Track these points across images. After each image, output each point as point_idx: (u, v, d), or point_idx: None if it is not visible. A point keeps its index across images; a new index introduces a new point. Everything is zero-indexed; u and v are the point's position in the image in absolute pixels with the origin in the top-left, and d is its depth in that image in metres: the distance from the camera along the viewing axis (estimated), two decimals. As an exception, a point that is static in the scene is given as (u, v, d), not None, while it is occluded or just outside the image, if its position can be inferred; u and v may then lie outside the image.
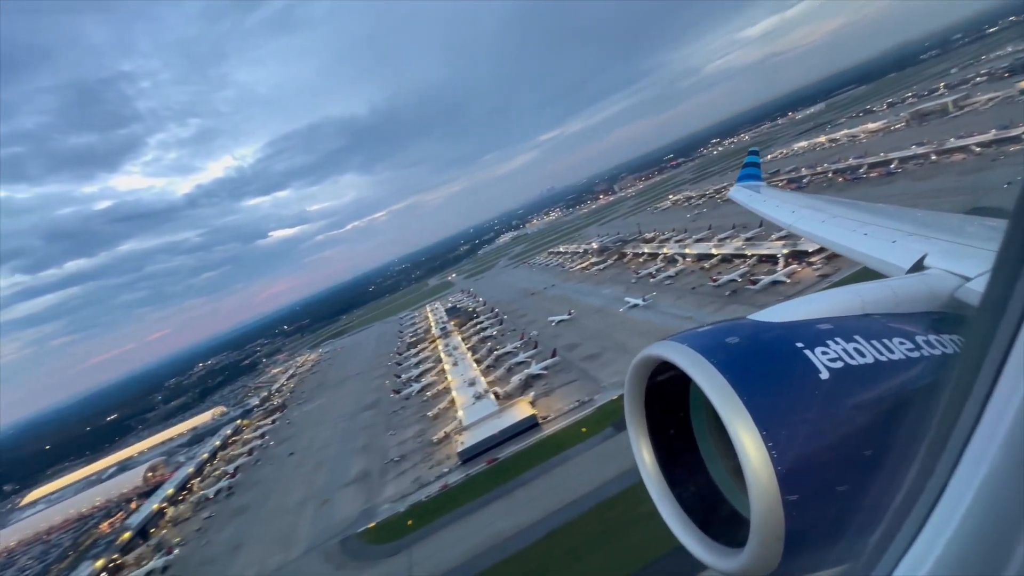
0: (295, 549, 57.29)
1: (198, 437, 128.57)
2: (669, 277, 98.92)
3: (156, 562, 66.52)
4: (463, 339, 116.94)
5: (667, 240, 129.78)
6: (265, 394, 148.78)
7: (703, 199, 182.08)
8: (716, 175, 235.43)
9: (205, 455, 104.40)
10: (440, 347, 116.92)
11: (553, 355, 79.71)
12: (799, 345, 2.84)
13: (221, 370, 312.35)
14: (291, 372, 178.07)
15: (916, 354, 2.94)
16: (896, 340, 2.98)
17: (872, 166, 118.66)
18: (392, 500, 58.84)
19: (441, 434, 69.26)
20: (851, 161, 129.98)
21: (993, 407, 1.65)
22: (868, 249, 7.17)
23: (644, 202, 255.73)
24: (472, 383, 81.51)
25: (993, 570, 1.55)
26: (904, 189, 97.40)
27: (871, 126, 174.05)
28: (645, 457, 3.24)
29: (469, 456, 59.86)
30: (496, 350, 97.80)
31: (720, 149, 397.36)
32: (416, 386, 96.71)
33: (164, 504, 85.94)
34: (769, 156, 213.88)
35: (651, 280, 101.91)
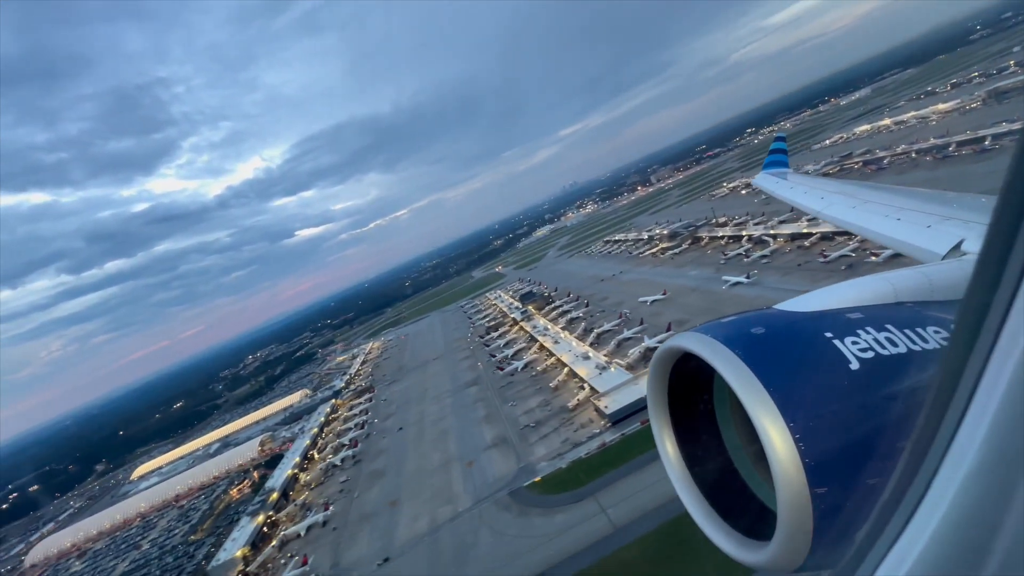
0: (461, 502, 61.88)
1: (294, 416, 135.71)
2: (764, 256, 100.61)
3: (316, 516, 72.28)
4: (550, 321, 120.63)
5: (743, 224, 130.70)
6: (347, 377, 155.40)
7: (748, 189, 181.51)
8: (752, 167, 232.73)
9: (315, 429, 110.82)
10: (528, 328, 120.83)
11: (668, 329, 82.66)
12: (828, 335, 2.80)
13: (276, 360, 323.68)
14: (361, 358, 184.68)
15: None
16: (931, 329, 2.93)
17: (961, 144, 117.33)
18: (548, 459, 62.86)
19: (575, 401, 73.07)
20: (934, 140, 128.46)
21: (976, 404, 1.61)
22: (901, 235, 7.01)
23: (694, 191, 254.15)
24: (587, 357, 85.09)
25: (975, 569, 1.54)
26: (1004, 164, 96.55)
27: (942, 106, 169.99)
28: (668, 449, 3.30)
29: (618, 418, 63.51)
30: (594, 328, 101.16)
31: (760, 138, 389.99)
32: (518, 363, 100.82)
33: (295, 470, 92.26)
34: (828, 141, 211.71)
35: (744, 260, 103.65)
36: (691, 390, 3.30)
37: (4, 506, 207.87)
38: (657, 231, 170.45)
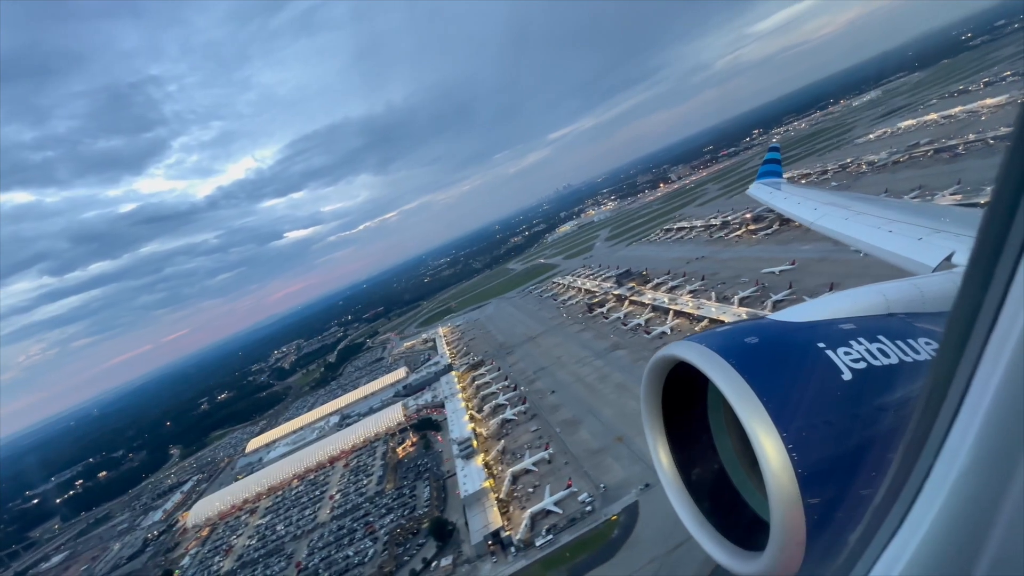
0: (705, 429, 69.10)
1: (412, 389, 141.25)
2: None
3: (541, 454, 78.89)
4: (667, 293, 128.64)
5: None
6: (449, 354, 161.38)
7: (824, 175, 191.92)
8: (797, 159, 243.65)
9: (460, 394, 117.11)
10: (646, 301, 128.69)
11: (831, 288, 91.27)
12: (821, 345, 2.87)
13: (315, 352, 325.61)
14: (444, 341, 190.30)
15: None
16: (922, 340, 3.01)
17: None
18: (775, 391, 70.54)
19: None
20: (1005, 129, 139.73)
21: (967, 406, 1.65)
22: (893, 247, 7.13)
23: (734, 184, 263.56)
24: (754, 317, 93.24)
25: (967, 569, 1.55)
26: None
27: (991, 101, 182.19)
28: (662, 458, 3.39)
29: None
30: (728, 296, 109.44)
31: (777, 137, 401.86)
32: (663, 327, 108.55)
33: (472, 425, 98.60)
34: (872, 135, 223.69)
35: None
36: (685, 399, 3.38)
37: (71, 492, 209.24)
38: (730, 216, 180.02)
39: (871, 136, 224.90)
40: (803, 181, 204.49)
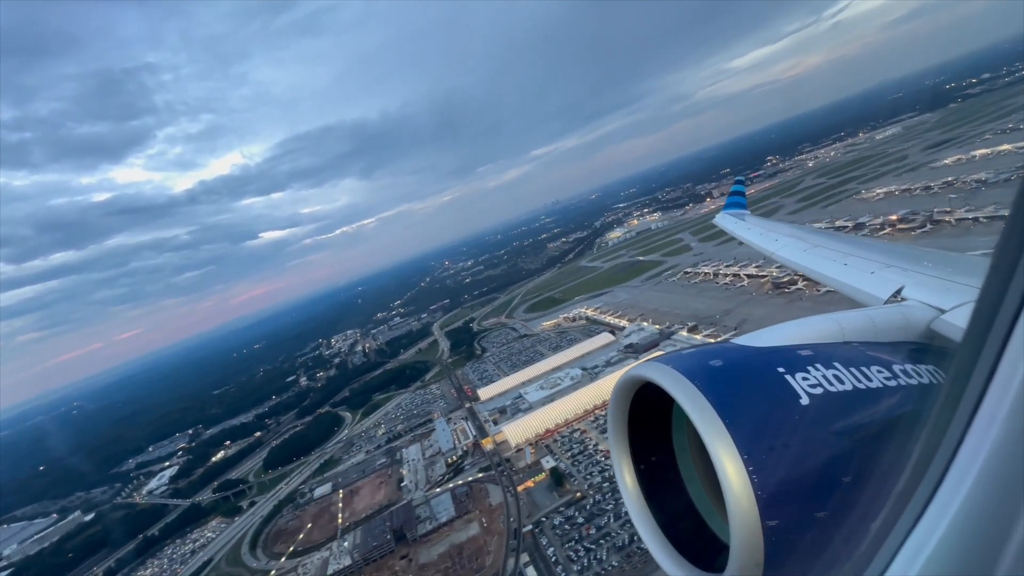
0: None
1: (641, 348, 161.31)
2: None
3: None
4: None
5: (977, 209, 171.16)
6: (643, 323, 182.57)
7: (929, 189, 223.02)
8: (866, 179, 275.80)
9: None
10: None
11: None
12: (780, 370, 3.02)
13: (406, 336, 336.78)
14: (609, 318, 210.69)
15: (893, 383, 3.14)
16: (874, 368, 3.22)
17: None
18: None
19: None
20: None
21: (977, 425, 1.67)
22: (848, 279, 7.67)
23: (808, 199, 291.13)
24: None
25: None
26: None
27: None
28: (627, 478, 3.48)
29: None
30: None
31: (813, 162, 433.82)
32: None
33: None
34: (947, 160, 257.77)
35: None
36: (650, 420, 3.50)
37: (223, 451, 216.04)
38: (865, 219, 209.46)
39: (947, 162, 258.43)
40: (906, 195, 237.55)
